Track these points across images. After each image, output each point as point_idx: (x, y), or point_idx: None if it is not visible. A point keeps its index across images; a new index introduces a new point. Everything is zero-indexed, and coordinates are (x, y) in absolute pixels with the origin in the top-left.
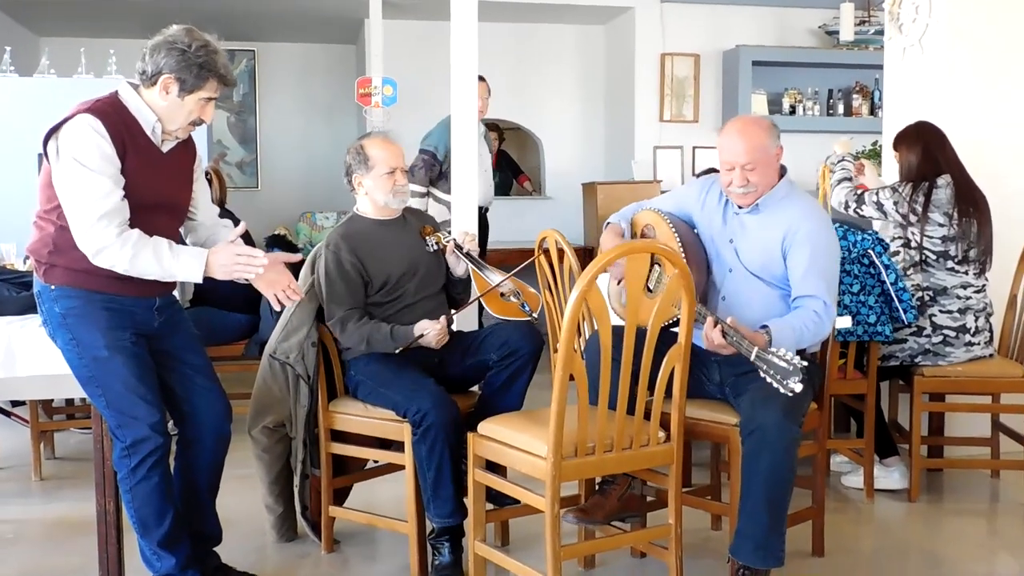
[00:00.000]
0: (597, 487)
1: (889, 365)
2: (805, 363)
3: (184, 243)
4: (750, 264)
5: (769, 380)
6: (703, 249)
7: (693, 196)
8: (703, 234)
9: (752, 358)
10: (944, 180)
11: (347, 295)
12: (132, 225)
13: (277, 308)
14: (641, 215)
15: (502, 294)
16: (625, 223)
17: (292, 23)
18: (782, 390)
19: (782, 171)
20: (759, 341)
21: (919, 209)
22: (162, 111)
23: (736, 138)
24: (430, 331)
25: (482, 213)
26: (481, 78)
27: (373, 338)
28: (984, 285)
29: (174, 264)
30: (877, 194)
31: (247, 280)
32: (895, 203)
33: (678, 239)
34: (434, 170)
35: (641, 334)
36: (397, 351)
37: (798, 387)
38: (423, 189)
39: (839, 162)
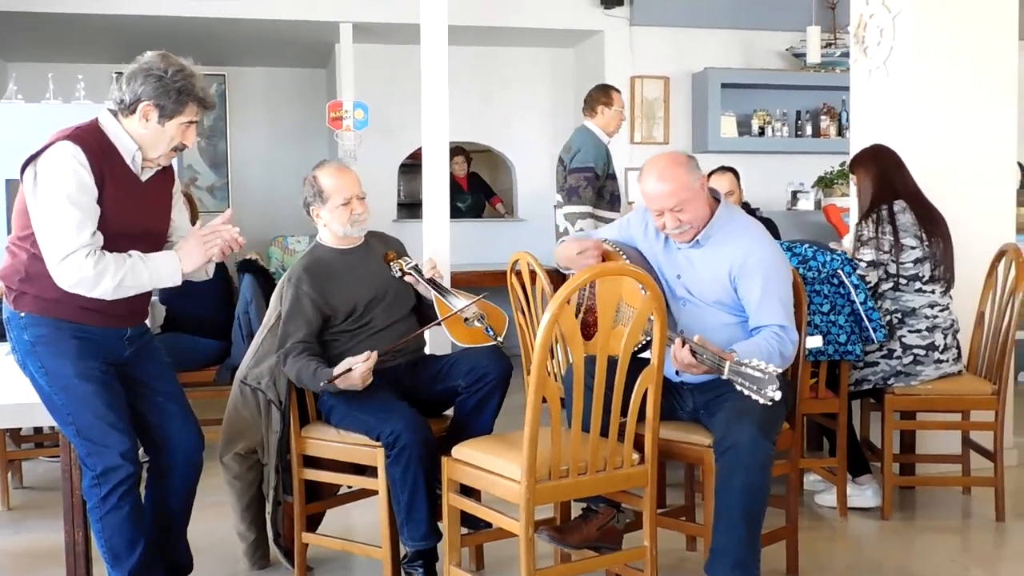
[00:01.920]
0: (582, 511)
1: (862, 389)
2: (779, 369)
3: None
4: (704, 297)
5: (747, 392)
6: (656, 278)
7: (636, 226)
8: (651, 262)
9: (725, 373)
10: (900, 205)
11: (297, 330)
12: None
13: (221, 259)
14: None
15: (465, 319)
16: None
17: (262, 47)
18: (761, 400)
19: (715, 196)
20: (729, 357)
21: (891, 239)
22: (143, 138)
23: (656, 183)
24: (356, 368)
25: None
26: (617, 90)
27: (301, 374)
28: (949, 303)
29: (152, 276)
30: (857, 255)
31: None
32: (876, 248)
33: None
34: (595, 186)
35: (613, 361)
36: (321, 388)
37: (777, 394)
38: (588, 208)
39: None
